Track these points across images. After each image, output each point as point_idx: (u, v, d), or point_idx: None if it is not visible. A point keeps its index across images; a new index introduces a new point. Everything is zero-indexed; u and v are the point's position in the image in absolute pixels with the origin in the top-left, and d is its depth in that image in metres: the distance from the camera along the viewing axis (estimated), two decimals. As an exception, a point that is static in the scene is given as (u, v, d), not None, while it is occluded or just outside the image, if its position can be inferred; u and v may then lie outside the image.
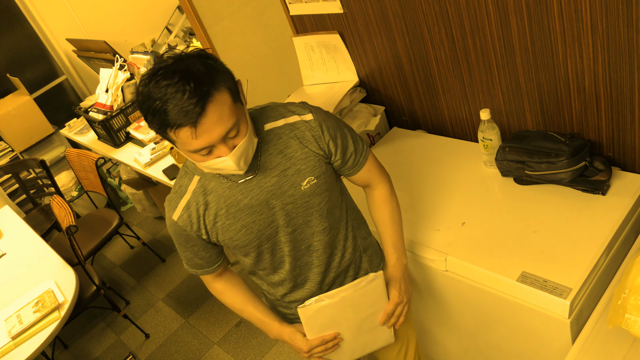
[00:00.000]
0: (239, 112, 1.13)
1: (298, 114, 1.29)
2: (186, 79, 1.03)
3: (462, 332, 1.75)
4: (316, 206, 1.32)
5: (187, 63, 1.06)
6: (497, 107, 1.82)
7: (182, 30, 4.27)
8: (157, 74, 1.05)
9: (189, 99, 1.02)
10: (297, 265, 1.40)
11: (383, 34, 1.97)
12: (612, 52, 1.42)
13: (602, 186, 1.52)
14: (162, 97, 1.03)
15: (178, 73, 1.04)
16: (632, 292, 1.14)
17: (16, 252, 2.83)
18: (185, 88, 1.02)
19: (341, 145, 1.32)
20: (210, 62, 1.09)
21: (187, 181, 1.30)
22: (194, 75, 1.04)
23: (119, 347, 3.14)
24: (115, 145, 3.34)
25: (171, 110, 1.03)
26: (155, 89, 1.04)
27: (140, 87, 1.08)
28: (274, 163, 1.26)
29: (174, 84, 1.03)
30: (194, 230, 1.31)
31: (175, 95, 1.02)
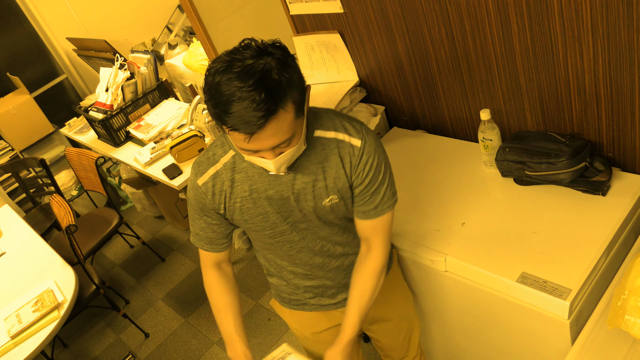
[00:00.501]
0: (297, 126, 1.12)
1: (350, 134, 1.26)
2: (258, 89, 1.01)
3: (461, 333, 1.75)
4: (331, 220, 1.35)
5: (265, 67, 1.03)
6: (497, 107, 1.81)
7: (182, 29, 4.27)
8: (232, 67, 1.03)
9: (254, 111, 1.01)
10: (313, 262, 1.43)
11: (383, 33, 1.97)
12: (612, 52, 1.42)
13: (602, 187, 1.52)
14: (230, 97, 1.02)
15: (252, 78, 1.01)
16: (631, 294, 1.14)
17: (16, 252, 2.83)
18: (254, 98, 1.00)
19: (369, 182, 1.28)
20: (286, 74, 1.06)
21: (222, 152, 1.29)
22: (266, 86, 1.02)
23: (119, 347, 3.14)
24: (115, 144, 3.34)
25: (234, 113, 1.02)
26: (226, 85, 1.02)
27: (212, 72, 1.05)
28: (309, 169, 1.26)
29: (246, 89, 1.00)
30: (214, 202, 1.31)
31: (243, 102, 1.01)
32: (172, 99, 3.44)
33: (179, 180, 2.76)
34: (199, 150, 2.86)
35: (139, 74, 3.33)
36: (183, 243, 3.78)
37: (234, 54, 1.06)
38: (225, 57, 1.06)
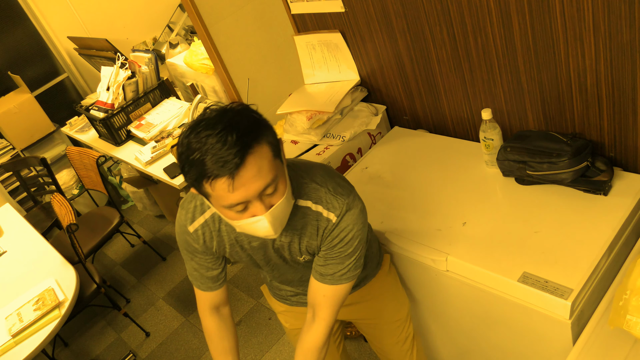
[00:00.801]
0: (278, 169, 1.10)
1: (328, 209, 1.24)
2: (228, 130, 1.00)
3: (462, 333, 1.75)
4: (308, 272, 1.38)
5: (231, 116, 1.04)
6: (498, 107, 1.81)
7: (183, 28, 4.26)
8: (198, 125, 1.03)
9: (229, 149, 0.99)
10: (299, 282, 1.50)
11: (384, 33, 1.96)
12: (614, 51, 1.41)
13: (604, 187, 1.51)
14: (202, 148, 1.00)
15: (220, 124, 1.01)
16: (633, 294, 1.13)
17: (17, 250, 2.83)
18: (226, 139, 0.99)
19: (334, 250, 1.27)
20: (254, 116, 1.07)
21: (207, 205, 1.30)
22: (236, 126, 1.01)
23: (120, 346, 3.14)
24: (116, 143, 3.34)
25: (209, 160, 1.00)
26: (195, 140, 1.01)
27: (180, 137, 1.06)
28: (287, 232, 1.28)
29: (215, 134, 1.00)
30: (205, 246, 1.34)
31: (215, 146, 0.99)
32: (173, 98, 3.44)
33: (180, 179, 2.76)
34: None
35: (140, 73, 3.33)
36: (184, 242, 3.77)
37: (198, 117, 1.06)
38: (190, 124, 1.06)
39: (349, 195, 1.26)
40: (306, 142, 2.17)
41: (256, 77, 2.84)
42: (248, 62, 2.79)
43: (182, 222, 1.32)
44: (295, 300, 1.60)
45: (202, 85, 3.13)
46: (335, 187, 1.26)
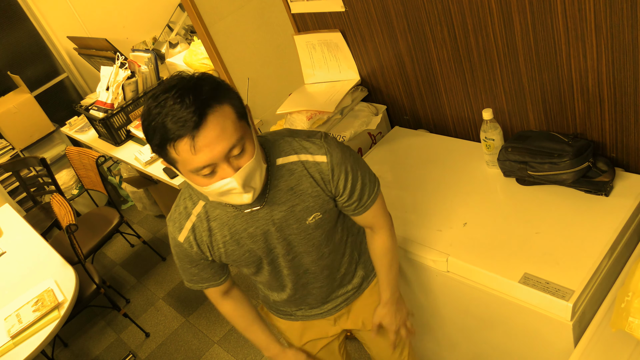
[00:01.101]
0: (244, 130, 1.07)
1: (312, 152, 1.22)
2: (186, 91, 0.99)
3: (463, 334, 1.74)
4: (318, 237, 1.33)
5: (189, 79, 1.03)
6: (499, 107, 1.80)
7: (183, 28, 4.25)
8: (157, 91, 1.02)
9: (187, 109, 0.98)
10: (298, 284, 1.44)
11: (385, 32, 1.96)
12: (616, 52, 1.40)
13: (605, 187, 1.51)
14: (161, 111, 0.99)
15: (177, 86, 1.00)
16: (635, 295, 1.13)
17: (16, 251, 2.82)
18: (183, 99, 0.98)
19: (350, 189, 1.27)
20: (216, 80, 1.05)
21: (192, 204, 1.25)
22: (195, 88, 1.01)
23: (119, 346, 3.13)
24: (116, 143, 3.33)
25: (169, 121, 0.99)
26: (154, 104, 1.00)
27: (143, 111, 1.04)
28: (282, 199, 1.23)
29: (172, 96, 0.99)
30: (200, 252, 1.29)
31: (174, 107, 0.98)
32: (172, 97, 3.42)
33: (180, 179, 2.75)
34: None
35: (139, 73, 3.32)
36: (184, 242, 3.77)
37: (158, 87, 1.05)
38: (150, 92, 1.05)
39: (321, 135, 1.26)
40: (306, 142, 2.16)
41: (256, 77, 2.83)
42: (248, 62, 2.78)
43: (172, 234, 1.28)
44: (301, 315, 1.55)
45: (201, 85, 3.11)
46: (307, 133, 1.27)
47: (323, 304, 1.52)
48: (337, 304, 1.53)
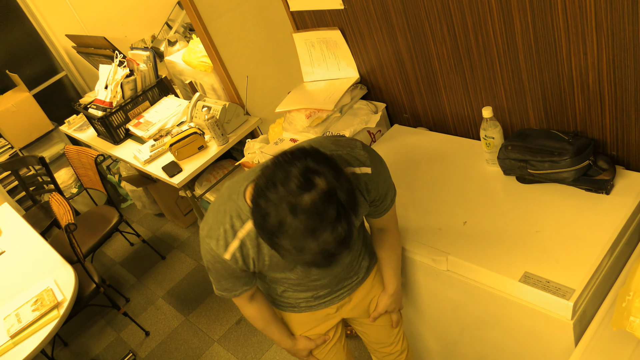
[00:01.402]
0: None
1: (357, 165, 1.27)
2: (333, 227, 0.99)
3: (463, 333, 1.74)
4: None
5: (326, 197, 0.98)
6: (499, 105, 1.79)
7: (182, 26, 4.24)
8: (297, 213, 0.97)
9: (337, 249, 1.01)
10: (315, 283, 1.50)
11: (384, 30, 1.95)
12: (616, 49, 1.40)
13: (606, 185, 1.50)
14: (304, 245, 1.00)
15: (326, 219, 0.99)
16: (637, 295, 1.12)
17: (15, 250, 2.82)
18: (335, 229, 1.00)
19: (384, 195, 1.36)
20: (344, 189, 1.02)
21: (240, 223, 1.22)
22: (339, 217, 1.00)
23: (119, 345, 3.13)
24: (115, 142, 3.33)
25: (313, 256, 1.01)
26: (298, 233, 0.99)
27: (277, 218, 0.99)
28: None
29: (325, 228, 0.99)
30: (244, 265, 1.28)
31: (328, 241, 1.00)
32: (171, 96, 3.42)
33: (179, 178, 2.75)
34: (198, 147, 2.85)
35: (138, 71, 3.31)
36: (183, 241, 3.77)
37: (284, 191, 0.98)
38: (277, 197, 0.99)
39: (360, 145, 1.31)
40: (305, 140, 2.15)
41: (255, 75, 2.83)
42: (247, 60, 2.77)
43: (215, 252, 1.25)
44: (305, 305, 1.57)
45: (200, 83, 3.11)
46: (345, 144, 1.30)
47: (328, 295, 1.55)
48: (340, 293, 1.57)
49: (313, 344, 1.66)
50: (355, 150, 1.29)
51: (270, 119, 2.91)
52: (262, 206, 1.00)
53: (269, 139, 2.46)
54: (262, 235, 1.04)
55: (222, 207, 1.25)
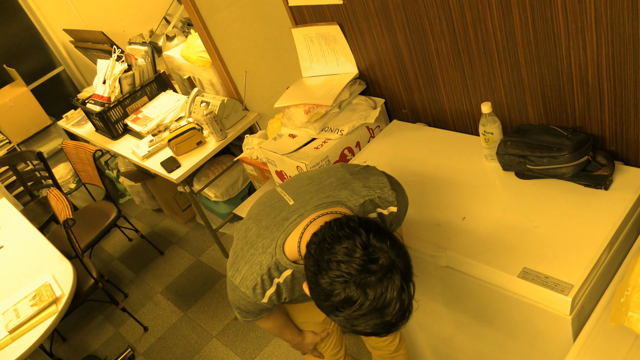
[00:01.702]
0: None
1: (389, 205, 1.32)
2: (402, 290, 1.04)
3: (461, 328, 1.74)
4: None
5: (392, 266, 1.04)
6: (498, 100, 1.79)
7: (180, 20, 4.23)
8: (366, 287, 1.01)
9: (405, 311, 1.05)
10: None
11: (383, 25, 1.94)
12: (616, 44, 1.39)
13: (605, 181, 1.50)
14: (376, 323, 1.03)
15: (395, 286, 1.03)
16: (635, 290, 1.12)
17: (13, 245, 2.82)
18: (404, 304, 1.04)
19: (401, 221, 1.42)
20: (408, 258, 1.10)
21: (278, 273, 1.26)
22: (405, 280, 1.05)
23: (118, 340, 3.13)
24: (113, 137, 3.32)
25: (373, 330, 1.04)
26: (376, 316, 1.03)
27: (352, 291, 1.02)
28: None
29: (395, 297, 1.03)
30: (275, 303, 1.34)
31: (395, 309, 1.03)
32: (170, 91, 3.41)
33: (177, 173, 2.74)
34: (197, 143, 2.84)
35: (136, 66, 3.30)
36: (182, 236, 3.77)
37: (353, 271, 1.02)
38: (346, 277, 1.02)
39: (385, 181, 1.34)
40: (304, 135, 2.15)
41: (253, 70, 2.82)
42: (245, 55, 2.77)
43: (251, 300, 1.28)
44: (302, 299, 1.58)
45: (199, 78, 3.10)
46: (374, 184, 1.32)
47: None
48: None
49: (318, 337, 1.71)
50: (385, 190, 1.32)
51: (269, 115, 2.91)
52: (325, 284, 1.04)
53: (268, 135, 2.46)
54: (324, 308, 1.07)
55: (257, 259, 1.26)
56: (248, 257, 1.27)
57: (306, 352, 1.75)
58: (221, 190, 3.07)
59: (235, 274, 1.28)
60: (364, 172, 1.36)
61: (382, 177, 1.35)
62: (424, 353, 2.09)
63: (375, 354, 1.93)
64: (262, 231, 1.28)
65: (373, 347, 1.89)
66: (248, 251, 1.28)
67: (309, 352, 1.76)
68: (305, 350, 1.73)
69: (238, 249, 1.31)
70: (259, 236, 1.28)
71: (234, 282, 1.29)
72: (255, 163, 2.51)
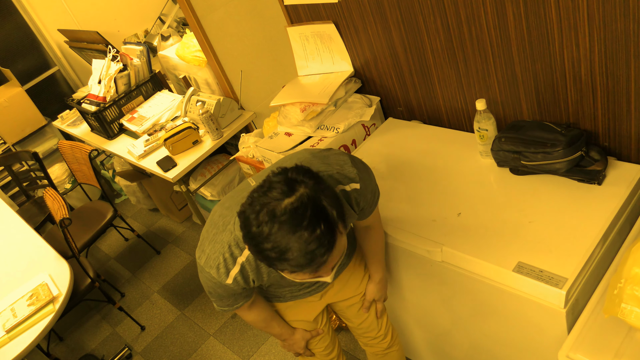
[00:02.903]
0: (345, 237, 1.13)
1: (347, 183, 1.31)
2: (313, 225, 1.01)
3: (457, 323, 1.75)
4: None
5: (309, 201, 1.02)
6: (492, 97, 1.81)
7: (175, 20, 4.23)
8: (277, 215, 1.01)
9: (319, 249, 1.02)
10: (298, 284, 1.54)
11: (378, 23, 1.95)
12: (608, 41, 1.41)
13: (598, 176, 1.52)
14: (287, 245, 1.01)
15: (304, 218, 1.01)
16: (628, 282, 1.14)
17: (10, 245, 2.81)
18: (315, 236, 1.01)
19: (370, 204, 1.40)
20: (326, 196, 1.06)
21: (239, 250, 1.26)
22: (319, 219, 1.02)
23: (115, 340, 3.13)
24: (109, 137, 3.32)
25: (296, 256, 1.02)
26: (279, 235, 1.01)
27: (258, 224, 1.02)
28: None
29: (304, 227, 1.00)
30: (246, 285, 1.32)
31: (301, 242, 1.01)
32: (165, 90, 3.42)
33: (174, 172, 2.74)
34: (192, 142, 2.85)
35: (131, 66, 3.30)
36: (178, 235, 3.77)
37: (266, 198, 1.03)
38: (259, 205, 1.03)
39: (345, 159, 1.34)
40: (300, 134, 2.16)
41: (249, 69, 2.83)
42: (241, 54, 2.77)
43: (216, 280, 1.29)
44: (290, 296, 1.60)
45: (194, 78, 3.11)
46: (334, 162, 1.33)
47: (312, 285, 1.58)
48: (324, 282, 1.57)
49: (309, 334, 1.71)
50: (345, 167, 1.32)
51: (264, 113, 2.92)
52: (246, 216, 1.04)
53: (264, 133, 2.47)
54: (248, 244, 1.06)
55: (218, 237, 1.27)
56: (211, 237, 1.29)
57: (297, 351, 1.74)
58: (217, 189, 3.07)
59: (201, 255, 1.30)
60: (324, 152, 1.37)
61: (343, 156, 1.35)
62: (420, 348, 2.11)
63: (368, 351, 1.94)
64: (224, 211, 1.30)
65: (366, 345, 1.90)
66: (212, 231, 1.30)
67: (301, 352, 1.74)
68: (296, 348, 1.72)
69: (204, 232, 1.33)
70: (221, 216, 1.30)
71: (200, 263, 1.30)
72: (251, 162, 2.52)
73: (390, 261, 1.79)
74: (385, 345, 1.89)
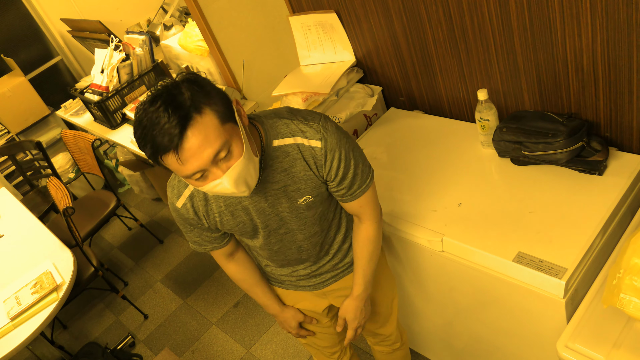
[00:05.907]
0: (229, 133, 1.09)
1: (307, 137, 1.25)
2: (166, 104, 1.03)
3: (457, 313, 1.76)
4: (310, 217, 1.37)
5: (172, 89, 1.06)
6: (494, 87, 1.80)
7: (177, 9, 4.21)
8: (145, 102, 1.06)
9: (169, 123, 1.02)
10: (290, 257, 1.49)
11: (380, 13, 1.95)
12: (611, 31, 1.40)
13: (599, 166, 1.52)
14: (148, 124, 1.04)
15: (161, 98, 1.04)
16: (627, 272, 1.14)
17: (14, 234, 2.83)
18: (165, 113, 1.02)
19: (341, 176, 1.29)
20: (195, 87, 1.07)
21: None
22: (175, 100, 1.04)
23: (118, 328, 3.16)
24: (112, 126, 3.33)
25: (156, 136, 1.03)
26: (143, 116, 1.05)
27: (135, 118, 1.09)
28: (276, 178, 1.27)
29: (156, 109, 1.03)
30: (197, 218, 1.35)
31: (158, 121, 1.03)
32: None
33: (176, 162, 2.75)
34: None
35: (134, 55, 3.30)
36: (181, 225, 3.78)
37: (148, 96, 1.08)
38: (142, 100, 1.08)
39: (320, 118, 1.27)
40: (302, 124, 2.16)
41: (251, 59, 2.82)
42: (243, 44, 2.76)
43: (171, 199, 1.34)
44: (290, 284, 1.60)
45: (197, 67, 3.10)
46: (305, 116, 1.29)
47: (312, 277, 1.56)
48: (325, 279, 1.57)
49: (302, 316, 1.66)
50: (310, 122, 1.26)
51: (266, 103, 2.91)
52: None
53: (266, 123, 2.47)
54: (140, 146, 1.09)
55: None
56: None
57: (289, 330, 1.69)
58: (220, 179, 3.08)
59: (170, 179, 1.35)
60: (299, 109, 1.34)
61: (319, 115, 1.29)
62: (420, 338, 2.12)
63: (375, 350, 1.93)
64: None
65: (373, 343, 1.89)
66: None
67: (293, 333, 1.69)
68: (286, 327, 1.67)
69: None
70: None
71: (167, 185, 1.35)
72: (253, 151, 2.52)
73: (390, 251, 1.79)
74: (396, 346, 1.87)
